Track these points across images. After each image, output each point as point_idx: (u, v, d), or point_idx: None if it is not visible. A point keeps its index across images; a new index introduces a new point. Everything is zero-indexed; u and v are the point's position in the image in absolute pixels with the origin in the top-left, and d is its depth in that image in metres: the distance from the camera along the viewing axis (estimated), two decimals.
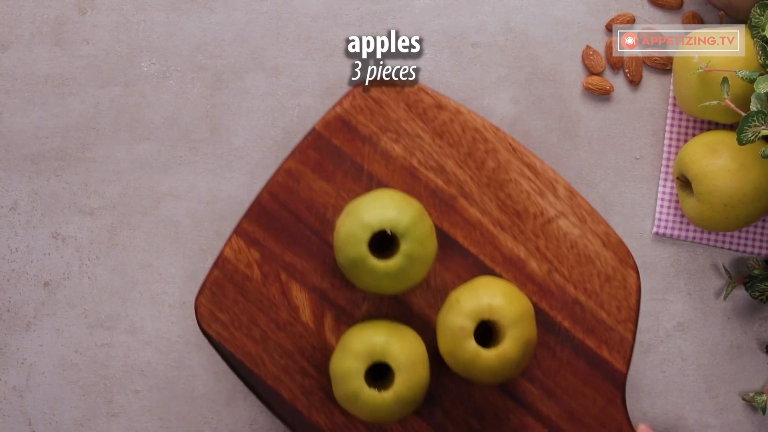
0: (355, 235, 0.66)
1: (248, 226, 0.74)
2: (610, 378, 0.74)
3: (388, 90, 0.74)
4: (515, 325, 0.67)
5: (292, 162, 0.74)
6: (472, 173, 0.74)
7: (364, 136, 0.74)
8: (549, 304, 0.74)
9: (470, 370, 0.68)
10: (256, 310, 0.74)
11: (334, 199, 0.74)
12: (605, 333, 0.74)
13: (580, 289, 0.74)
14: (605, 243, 0.74)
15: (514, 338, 0.67)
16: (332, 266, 0.74)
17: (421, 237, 0.67)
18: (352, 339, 0.69)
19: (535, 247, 0.74)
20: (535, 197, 0.74)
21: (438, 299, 0.74)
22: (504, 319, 0.67)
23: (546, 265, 0.74)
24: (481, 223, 0.74)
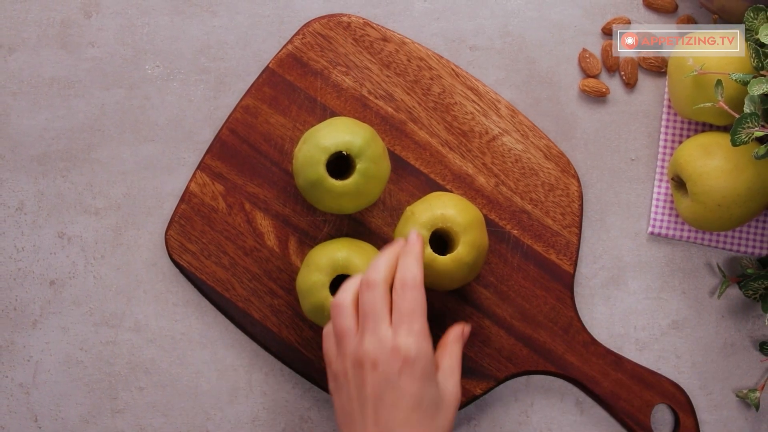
0: (313, 157, 0.68)
1: (211, 161, 0.77)
2: (558, 279, 0.77)
3: (336, 26, 0.77)
4: (467, 231, 0.70)
5: (249, 99, 0.77)
6: (419, 99, 0.77)
7: (316, 71, 0.77)
8: (498, 215, 0.77)
9: (428, 276, 0.70)
10: (223, 239, 0.76)
11: (290, 131, 0.77)
12: (552, 238, 0.77)
13: (526, 199, 0.77)
14: (547, 155, 0.77)
15: (467, 243, 0.70)
16: (293, 193, 0.77)
17: (374, 156, 0.69)
18: (316, 256, 0.71)
19: (482, 163, 0.77)
20: (479, 117, 0.77)
21: (394, 217, 0.77)
22: (456, 225, 0.70)
23: (493, 179, 0.77)
24: (431, 144, 0.77)
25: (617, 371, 0.77)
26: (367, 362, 0.61)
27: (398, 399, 0.60)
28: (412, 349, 0.61)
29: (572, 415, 0.78)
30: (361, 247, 0.72)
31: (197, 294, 0.78)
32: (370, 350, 0.61)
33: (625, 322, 0.79)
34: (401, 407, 0.60)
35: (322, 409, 0.78)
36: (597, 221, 0.79)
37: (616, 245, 0.79)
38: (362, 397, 0.61)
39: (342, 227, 0.77)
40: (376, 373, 0.61)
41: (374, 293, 0.63)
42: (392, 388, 0.60)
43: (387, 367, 0.61)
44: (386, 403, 0.60)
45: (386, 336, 0.61)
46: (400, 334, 0.61)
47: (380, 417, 0.60)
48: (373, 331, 0.62)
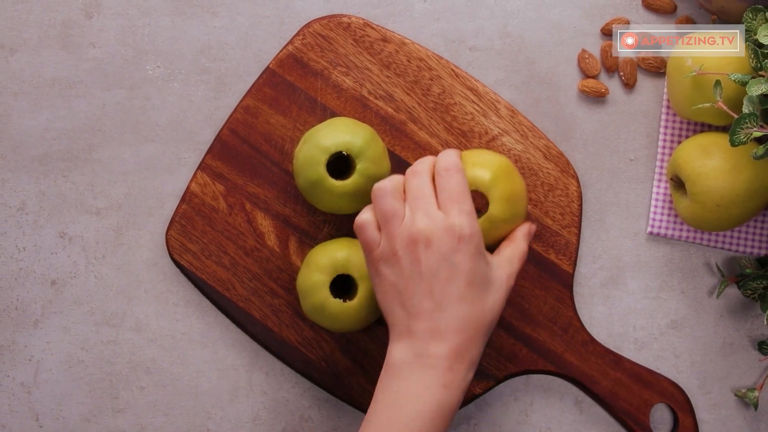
0: (313, 157, 0.68)
1: (212, 162, 0.77)
2: (558, 279, 0.77)
3: (336, 27, 0.77)
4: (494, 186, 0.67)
5: (250, 99, 0.77)
6: (419, 99, 0.77)
7: (316, 71, 0.77)
8: None
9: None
10: (224, 239, 0.76)
11: (291, 131, 0.77)
12: (551, 238, 0.77)
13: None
14: (546, 155, 0.77)
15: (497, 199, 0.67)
16: (293, 193, 0.77)
17: (375, 157, 0.69)
18: (316, 255, 0.72)
19: None
20: (479, 118, 0.77)
21: None
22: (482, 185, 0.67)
23: None
24: (431, 144, 0.77)
25: (616, 371, 0.77)
26: (421, 240, 0.63)
27: (453, 274, 0.63)
28: (466, 227, 0.63)
29: (571, 414, 0.78)
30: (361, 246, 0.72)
31: (198, 294, 0.78)
32: (424, 228, 0.63)
33: (624, 322, 0.79)
34: (456, 282, 0.63)
35: (323, 409, 0.78)
36: (596, 221, 0.79)
37: (616, 245, 0.79)
38: (416, 273, 0.63)
39: (342, 227, 0.77)
40: (431, 250, 0.63)
41: (421, 179, 0.65)
42: (448, 264, 0.63)
43: (442, 245, 0.63)
44: (441, 278, 0.63)
45: (438, 215, 0.63)
46: (452, 214, 0.63)
47: (435, 291, 0.63)
48: (425, 211, 0.64)
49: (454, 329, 0.63)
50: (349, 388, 0.76)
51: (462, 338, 0.63)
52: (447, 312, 0.63)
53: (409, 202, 0.65)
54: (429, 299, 0.63)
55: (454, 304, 0.63)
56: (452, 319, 0.63)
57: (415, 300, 0.63)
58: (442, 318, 0.63)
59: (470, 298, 0.63)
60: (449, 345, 0.62)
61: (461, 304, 0.63)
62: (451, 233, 0.63)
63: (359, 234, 0.66)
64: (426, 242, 0.63)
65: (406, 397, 0.62)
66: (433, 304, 0.63)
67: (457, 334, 0.63)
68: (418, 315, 0.63)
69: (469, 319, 0.63)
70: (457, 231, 0.63)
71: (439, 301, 0.63)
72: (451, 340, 0.63)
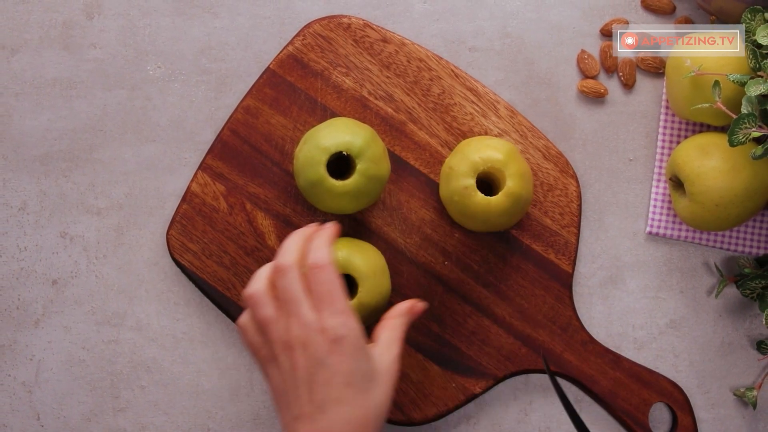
0: (313, 158, 0.68)
1: (212, 162, 0.77)
2: (557, 278, 0.77)
3: (336, 28, 0.77)
4: (508, 164, 0.70)
5: (250, 100, 0.77)
6: (419, 100, 0.77)
7: (316, 72, 0.77)
8: None
9: (489, 219, 0.71)
10: (224, 239, 0.76)
11: (291, 131, 0.77)
12: (551, 238, 0.77)
13: None
14: (546, 155, 0.77)
15: (513, 175, 0.70)
16: (294, 194, 0.77)
17: (374, 157, 0.69)
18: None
19: None
20: (478, 118, 0.77)
21: (394, 217, 0.77)
22: (497, 163, 0.70)
23: None
24: (430, 144, 0.77)
25: (615, 370, 0.77)
26: (296, 345, 0.62)
27: (330, 377, 0.62)
28: (339, 328, 0.62)
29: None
30: (361, 246, 0.72)
31: (198, 293, 0.78)
32: (298, 334, 0.62)
33: (624, 322, 0.79)
34: (334, 384, 0.62)
35: None
36: (595, 221, 0.79)
37: (615, 245, 0.79)
38: (295, 378, 0.63)
39: (342, 227, 0.77)
40: (307, 354, 0.62)
41: (289, 278, 0.63)
42: (323, 368, 0.62)
43: (316, 348, 0.62)
44: (319, 381, 0.62)
45: (311, 318, 0.62)
46: (324, 316, 0.62)
47: (314, 395, 0.62)
48: (297, 315, 0.63)
49: (338, 431, 0.61)
50: None
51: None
52: (328, 414, 0.61)
53: (282, 305, 0.63)
54: (309, 402, 0.62)
55: (335, 406, 0.61)
56: (335, 421, 0.61)
57: (297, 403, 0.62)
58: (324, 420, 0.61)
59: (350, 398, 0.62)
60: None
61: (342, 406, 0.61)
62: (325, 336, 0.62)
63: (241, 337, 0.67)
64: (302, 346, 0.62)
65: None
66: (313, 407, 0.62)
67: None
68: (301, 418, 0.62)
69: (352, 419, 0.62)
70: (331, 334, 0.62)
71: (320, 404, 0.61)
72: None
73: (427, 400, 0.76)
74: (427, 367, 0.76)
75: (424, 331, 0.76)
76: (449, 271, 0.77)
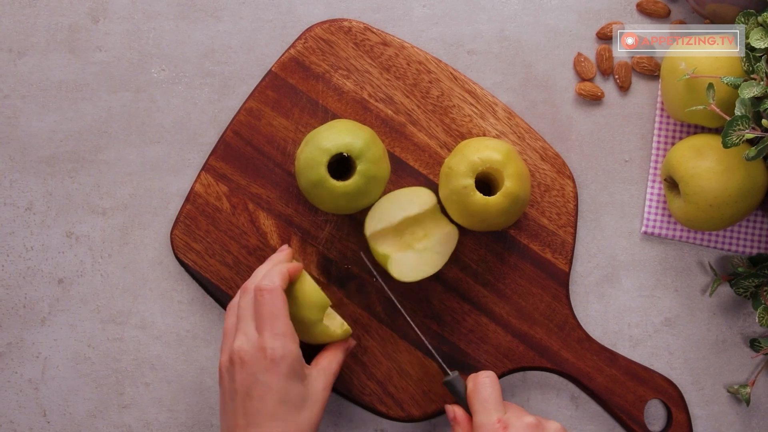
0: (315, 159, 0.69)
1: (215, 163, 0.77)
2: (554, 277, 0.77)
3: (337, 31, 0.77)
4: (507, 164, 0.70)
5: (253, 102, 0.77)
6: (418, 102, 0.77)
7: (318, 74, 0.77)
8: None
9: (488, 219, 0.71)
10: (227, 239, 0.77)
11: (293, 133, 0.77)
12: (548, 237, 0.77)
13: None
14: (543, 156, 0.77)
15: (511, 175, 0.70)
16: (295, 194, 0.77)
17: (374, 158, 0.70)
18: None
19: None
20: (477, 120, 0.77)
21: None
22: (495, 163, 0.70)
23: None
24: (429, 146, 0.77)
25: (611, 367, 0.77)
26: (236, 359, 0.65)
27: (265, 394, 0.64)
28: (278, 349, 0.64)
29: (567, 410, 0.78)
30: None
31: (202, 292, 0.78)
32: (239, 348, 0.65)
33: (619, 320, 0.79)
34: (267, 401, 0.64)
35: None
36: (592, 221, 0.79)
37: (611, 244, 0.79)
38: (233, 390, 0.65)
39: (343, 226, 0.77)
40: (244, 370, 0.64)
41: (247, 298, 0.67)
42: (259, 384, 0.64)
43: (254, 365, 0.64)
44: (254, 396, 0.64)
45: (253, 336, 0.65)
46: (265, 336, 0.65)
47: (248, 409, 0.64)
48: (243, 331, 0.66)
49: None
50: (349, 385, 0.76)
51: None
52: (261, 429, 0.63)
53: (237, 321, 0.67)
54: (243, 417, 0.64)
55: (267, 422, 0.63)
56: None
57: (233, 415, 0.64)
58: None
59: (282, 415, 0.64)
60: None
61: (274, 422, 0.63)
62: (263, 354, 0.64)
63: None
64: (241, 361, 0.65)
65: None
66: (245, 421, 0.64)
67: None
68: (236, 430, 0.64)
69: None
70: (269, 353, 0.64)
71: (252, 419, 0.63)
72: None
73: (426, 397, 0.76)
74: (427, 364, 0.76)
75: (423, 329, 0.76)
76: (448, 270, 0.77)
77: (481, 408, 0.66)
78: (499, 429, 0.64)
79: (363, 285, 0.76)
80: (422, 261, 0.72)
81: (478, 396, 0.66)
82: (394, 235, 0.73)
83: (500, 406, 0.66)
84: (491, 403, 0.66)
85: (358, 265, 0.76)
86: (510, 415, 0.65)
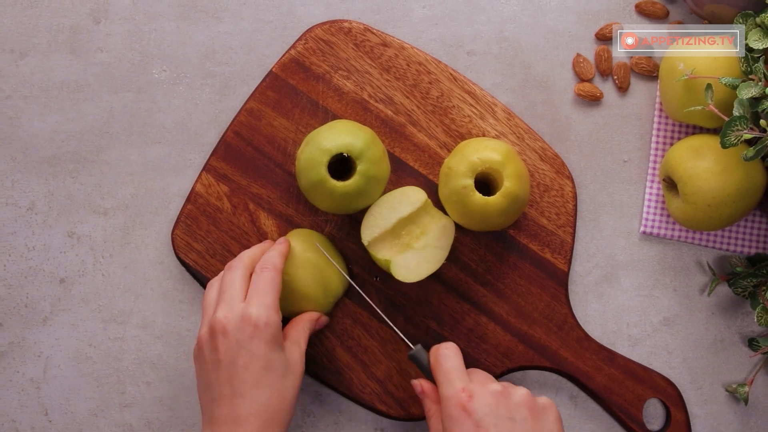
0: (315, 159, 0.69)
1: (216, 163, 0.77)
2: (553, 277, 0.77)
3: (337, 32, 0.77)
4: (506, 165, 0.70)
5: (253, 102, 0.77)
6: (418, 102, 0.77)
7: (318, 75, 0.77)
8: None
9: (487, 219, 0.71)
10: (228, 239, 0.77)
11: (293, 133, 0.77)
12: (547, 237, 0.77)
13: None
14: (542, 157, 0.77)
15: (510, 176, 0.70)
16: (296, 194, 0.77)
17: (374, 158, 0.70)
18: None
19: None
20: (476, 120, 0.77)
21: None
22: (495, 164, 0.70)
23: None
24: (429, 146, 0.77)
25: (610, 366, 0.77)
26: (218, 329, 0.65)
27: (250, 361, 0.64)
28: (262, 317, 0.65)
29: (567, 408, 0.78)
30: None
31: (203, 292, 0.78)
32: (221, 318, 0.65)
33: (618, 319, 0.79)
34: (252, 368, 0.64)
35: (324, 403, 0.78)
36: (591, 221, 0.79)
37: (610, 244, 0.79)
38: (216, 361, 0.65)
39: (343, 226, 0.77)
40: (227, 339, 0.64)
41: (233, 274, 0.68)
42: (244, 352, 0.64)
43: (238, 333, 0.64)
44: (238, 365, 0.64)
45: (237, 307, 0.65)
46: (251, 305, 0.65)
47: (233, 378, 0.64)
48: (226, 303, 0.66)
49: (254, 414, 0.63)
50: (349, 384, 0.76)
51: (261, 422, 0.63)
52: (246, 398, 0.63)
53: (219, 296, 0.67)
54: (228, 385, 0.64)
55: (253, 390, 0.63)
56: (251, 405, 0.63)
57: (216, 386, 0.64)
58: (241, 404, 0.63)
59: (267, 382, 0.64)
60: (249, 430, 0.63)
61: (259, 389, 0.64)
62: (247, 322, 0.64)
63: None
64: (223, 331, 0.65)
65: None
66: (231, 390, 0.64)
67: (257, 418, 0.63)
68: (220, 401, 0.64)
69: (269, 403, 0.64)
70: (253, 320, 0.64)
71: (238, 387, 0.63)
72: (251, 424, 0.63)
73: None
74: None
75: (423, 329, 0.76)
76: (448, 269, 0.77)
77: (445, 379, 0.66)
78: (465, 398, 0.64)
79: (363, 285, 0.77)
80: (424, 258, 0.72)
81: (441, 368, 0.66)
82: (391, 238, 0.73)
83: (463, 375, 0.66)
84: (454, 373, 0.65)
85: (359, 265, 0.76)
86: (475, 384, 0.65)
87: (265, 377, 0.64)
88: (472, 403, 0.63)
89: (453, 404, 0.64)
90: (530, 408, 0.64)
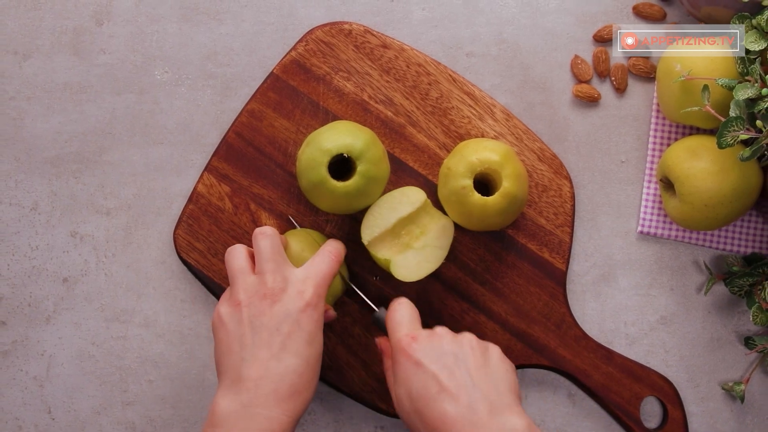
0: (315, 159, 0.69)
1: (218, 164, 0.77)
2: (551, 276, 0.77)
3: (338, 34, 0.77)
4: (505, 165, 0.70)
5: (254, 104, 0.77)
6: (417, 103, 0.77)
7: (319, 77, 0.77)
8: None
9: (485, 219, 0.71)
10: (229, 238, 0.77)
11: (294, 134, 0.77)
12: (545, 237, 0.77)
13: None
14: (540, 157, 0.77)
15: (509, 176, 0.70)
16: (296, 194, 0.77)
17: (374, 159, 0.70)
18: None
19: None
20: (475, 121, 0.77)
21: None
22: (494, 164, 0.70)
23: None
24: (429, 147, 0.77)
25: (608, 365, 0.77)
26: (268, 295, 0.65)
27: (295, 331, 0.64)
28: (313, 297, 0.66)
29: (565, 407, 0.79)
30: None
31: (204, 291, 0.78)
32: (273, 286, 0.65)
33: (616, 318, 0.79)
34: (296, 339, 0.64)
35: (325, 401, 0.78)
36: (588, 221, 0.79)
37: (607, 244, 0.79)
38: (256, 325, 0.65)
39: (344, 226, 0.77)
40: (277, 306, 0.65)
41: (269, 241, 0.67)
42: (292, 321, 0.64)
43: (290, 303, 0.65)
44: (283, 332, 0.64)
45: (292, 275, 0.66)
46: (306, 283, 0.66)
47: (273, 343, 0.64)
48: (275, 271, 0.66)
49: (288, 382, 0.63)
50: (350, 382, 0.76)
51: (292, 390, 0.63)
52: (282, 363, 0.63)
53: (259, 262, 0.67)
54: (267, 349, 0.64)
55: (291, 358, 0.63)
56: (286, 372, 0.63)
57: (250, 348, 0.64)
58: (276, 368, 0.63)
59: (306, 355, 0.64)
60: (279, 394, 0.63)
61: (297, 359, 0.64)
62: (301, 297, 0.65)
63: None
64: (273, 297, 0.65)
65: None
66: (269, 354, 0.63)
67: (289, 386, 0.63)
68: (253, 362, 0.63)
69: (302, 372, 0.64)
70: (306, 297, 0.65)
71: (277, 353, 0.63)
72: (282, 390, 0.63)
73: None
74: None
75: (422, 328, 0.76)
76: (447, 269, 0.77)
77: (394, 329, 0.67)
78: (407, 341, 0.65)
79: (363, 284, 0.77)
80: (424, 258, 0.72)
81: (392, 321, 0.68)
82: (391, 237, 0.73)
83: (412, 324, 0.67)
84: (402, 322, 0.67)
85: (358, 264, 0.77)
86: (421, 330, 0.66)
87: (305, 350, 0.64)
88: (414, 345, 0.64)
89: (397, 349, 0.65)
90: (473, 346, 0.65)
